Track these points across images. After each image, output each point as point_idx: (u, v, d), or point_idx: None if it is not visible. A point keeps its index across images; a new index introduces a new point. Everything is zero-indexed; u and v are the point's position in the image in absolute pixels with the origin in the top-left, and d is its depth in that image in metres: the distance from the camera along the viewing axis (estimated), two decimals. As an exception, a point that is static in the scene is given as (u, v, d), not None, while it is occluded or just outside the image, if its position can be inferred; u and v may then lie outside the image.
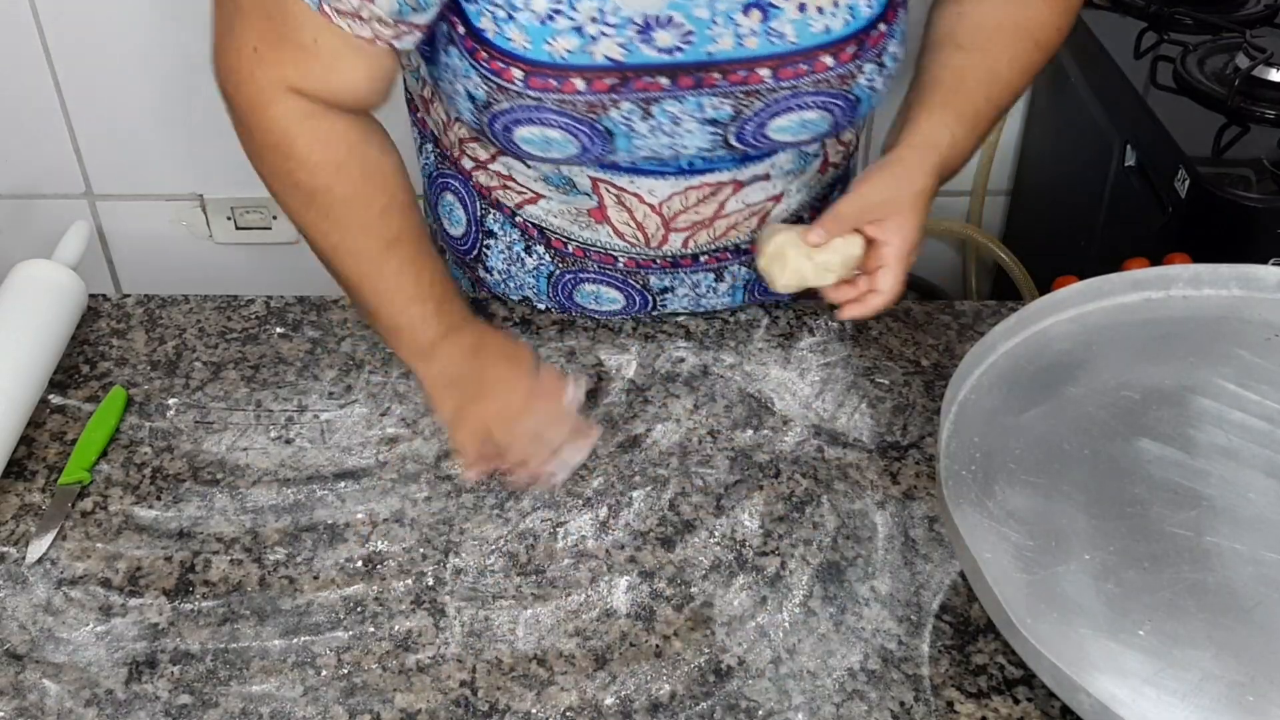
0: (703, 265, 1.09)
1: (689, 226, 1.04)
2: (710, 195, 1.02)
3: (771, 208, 1.06)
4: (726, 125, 0.93)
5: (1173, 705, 0.72)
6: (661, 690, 0.81)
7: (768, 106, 0.92)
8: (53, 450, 0.99)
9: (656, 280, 1.10)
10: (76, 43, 1.82)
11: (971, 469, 0.85)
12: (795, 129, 0.94)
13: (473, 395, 0.97)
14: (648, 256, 1.07)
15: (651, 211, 1.02)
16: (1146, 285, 0.98)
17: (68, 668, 0.82)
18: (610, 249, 1.07)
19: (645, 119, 0.91)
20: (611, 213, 1.03)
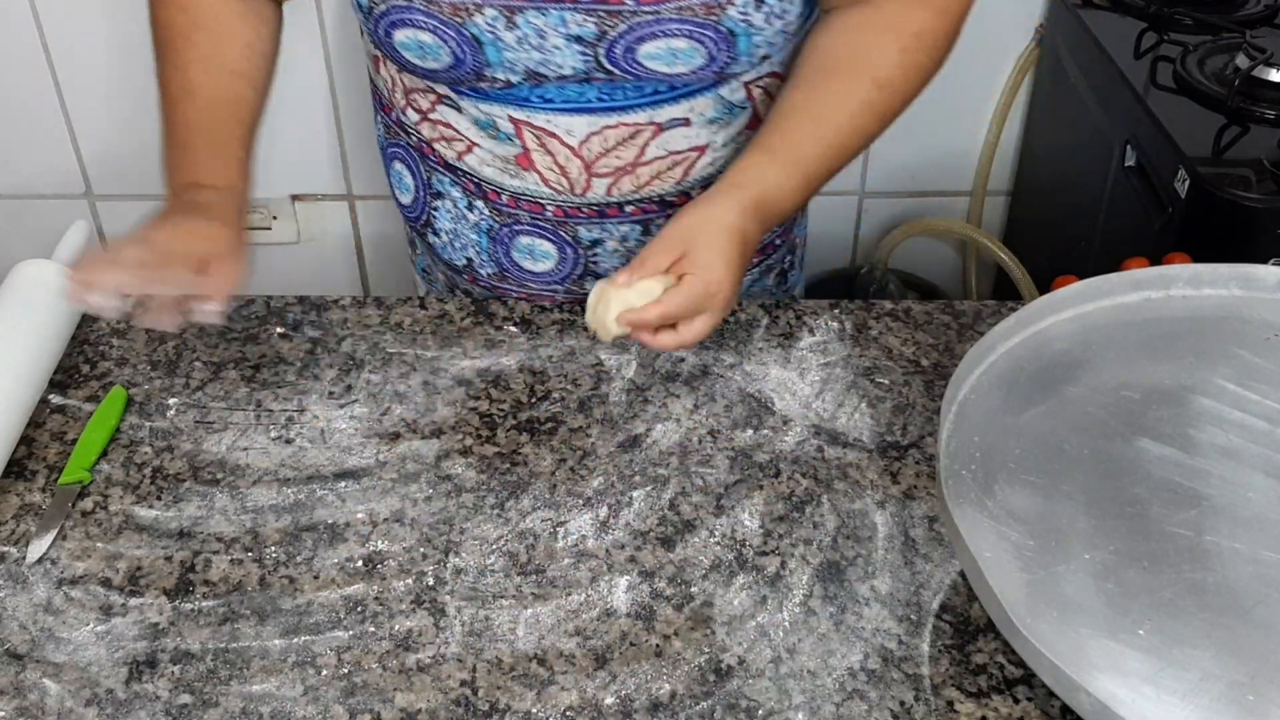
0: (629, 216, 1.10)
1: (611, 172, 1.06)
2: (629, 138, 1.03)
3: (695, 159, 1.07)
4: (594, 45, 0.94)
5: (1173, 705, 0.72)
6: (662, 690, 0.81)
7: (632, 29, 0.93)
8: (53, 450, 0.99)
9: (585, 232, 1.12)
10: (76, 43, 1.82)
11: (971, 468, 0.85)
12: (667, 57, 0.95)
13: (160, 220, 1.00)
14: (573, 204, 1.09)
15: (572, 155, 1.05)
16: (1146, 285, 0.98)
17: (68, 667, 0.82)
18: (538, 197, 1.09)
19: (510, 29, 0.93)
20: (536, 158, 1.06)
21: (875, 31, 1.00)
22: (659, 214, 1.11)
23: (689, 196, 1.09)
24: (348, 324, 1.12)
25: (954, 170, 1.99)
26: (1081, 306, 0.97)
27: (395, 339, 1.10)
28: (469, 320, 1.12)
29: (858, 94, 0.99)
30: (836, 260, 2.09)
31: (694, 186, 1.10)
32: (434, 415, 1.02)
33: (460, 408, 1.03)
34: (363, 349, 1.09)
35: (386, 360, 1.08)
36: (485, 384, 1.05)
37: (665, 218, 1.10)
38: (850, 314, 1.13)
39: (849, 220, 2.06)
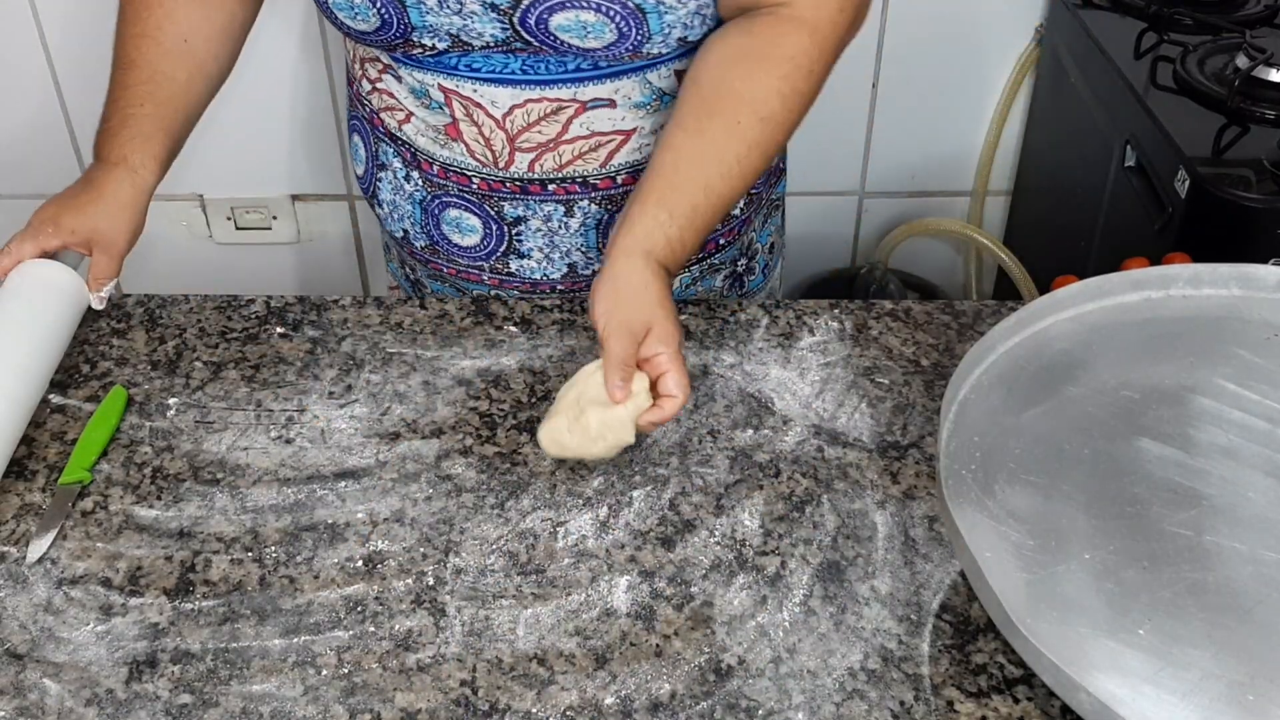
0: (551, 195, 1.12)
1: (534, 148, 1.08)
2: (552, 114, 1.05)
3: (621, 142, 1.08)
4: (509, 12, 0.96)
5: (1173, 704, 0.72)
6: (662, 690, 0.81)
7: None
8: (53, 450, 0.99)
9: (510, 208, 1.13)
10: (76, 43, 1.82)
11: (971, 468, 0.85)
12: (578, 30, 0.96)
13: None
14: (498, 178, 1.11)
15: (496, 126, 1.06)
16: (1146, 285, 0.98)
17: (68, 667, 0.82)
18: (465, 169, 1.12)
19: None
20: (463, 128, 1.08)
21: (753, 61, 0.99)
22: (581, 194, 1.12)
23: (612, 180, 1.11)
24: (348, 324, 1.12)
25: (954, 170, 1.99)
26: (1081, 306, 0.97)
27: (395, 339, 1.10)
28: (469, 320, 1.12)
29: (743, 134, 0.98)
30: (836, 260, 2.09)
31: (619, 171, 1.11)
32: (434, 415, 1.02)
33: (460, 408, 1.03)
34: (363, 349, 1.09)
35: (386, 360, 1.08)
36: (485, 384, 1.05)
37: (588, 199, 1.12)
38: (850, 314, 1.13)
39: (849, 220, 2.06)
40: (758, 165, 1.00)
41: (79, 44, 1.82)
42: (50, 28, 1.81)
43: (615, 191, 1.13)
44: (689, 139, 0.99)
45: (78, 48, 1.83)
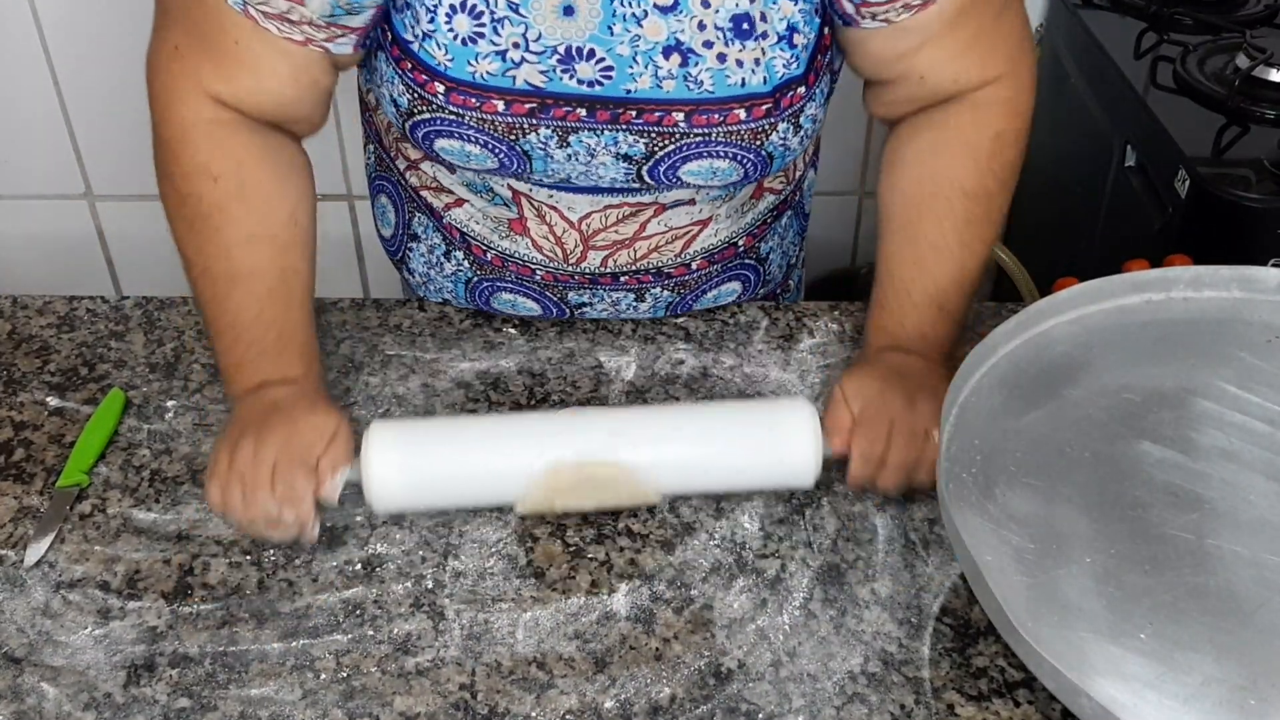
0: (622, 285, 1.08)
1: (609, 245, 1.04)
2: (631, 215, 1.01)
3: (698, 232, 1.06)
4: (640, 162, 0.93)
5: (1174, 709, 0.71)
6: (661, 693, 0.81)
7: (680, 149, 0.92)
8: (51, 453, 0.99)
9: (575, 296, 1.09)
10: (76, 43, 1.82)
11: (972, 471, 0.85)
12: (706, 174, 0.94)
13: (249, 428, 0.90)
14: (565, 272, 1.06)
15: (571, 228, 1.02)
16: (1147, 287, 0.98)
17: (66, 671, 0.82)
18: (529, 261, 1.06)
19: (562, 147, 0.91)
20: (531, 225, 1.03)
21: (950, 154, 0.98)
22: (654, 284, 1.09)
23: (687, 268, 1.08)
24: (346, 326, 1.12)
25: (954, 170, 1.98)
26: (1082, 308, 0.97)
27: (394, 341, 1.10)
28: (468, 322, 1.12)
29: (952, 215, 0.97)
30: (836, 260, 2.09)
31: (694, 258, 1.07)
32: (433, 417, 1.02)
33: (460, 410, 1.03)
34: (361, 351, 1.09)
35: (385, 362, 1.08)
36: (484, 386, 1.05)
37: (660, 287, 1.09)
38: (850, 315, 1.13)
39: (849, 220, 2.06)
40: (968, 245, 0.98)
41: (79, 44, 1.82)
42: (50, 28, 1.81)
43: (690, 276, 1.09)
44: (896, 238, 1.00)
45: (78, 48, 1.82)
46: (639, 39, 0.86)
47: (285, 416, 0.89)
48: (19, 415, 1.03)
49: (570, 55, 0.87)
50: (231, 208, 0.92)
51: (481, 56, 0.87)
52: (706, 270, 1.09)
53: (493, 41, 0.86)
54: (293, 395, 0.92)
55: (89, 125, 1.91)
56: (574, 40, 0.86)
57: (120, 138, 1.90)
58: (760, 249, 1.12)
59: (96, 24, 1.79)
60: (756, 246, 1.11)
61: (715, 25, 0.87)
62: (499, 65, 0.87)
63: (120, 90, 1.85)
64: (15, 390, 1.05)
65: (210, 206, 0.92)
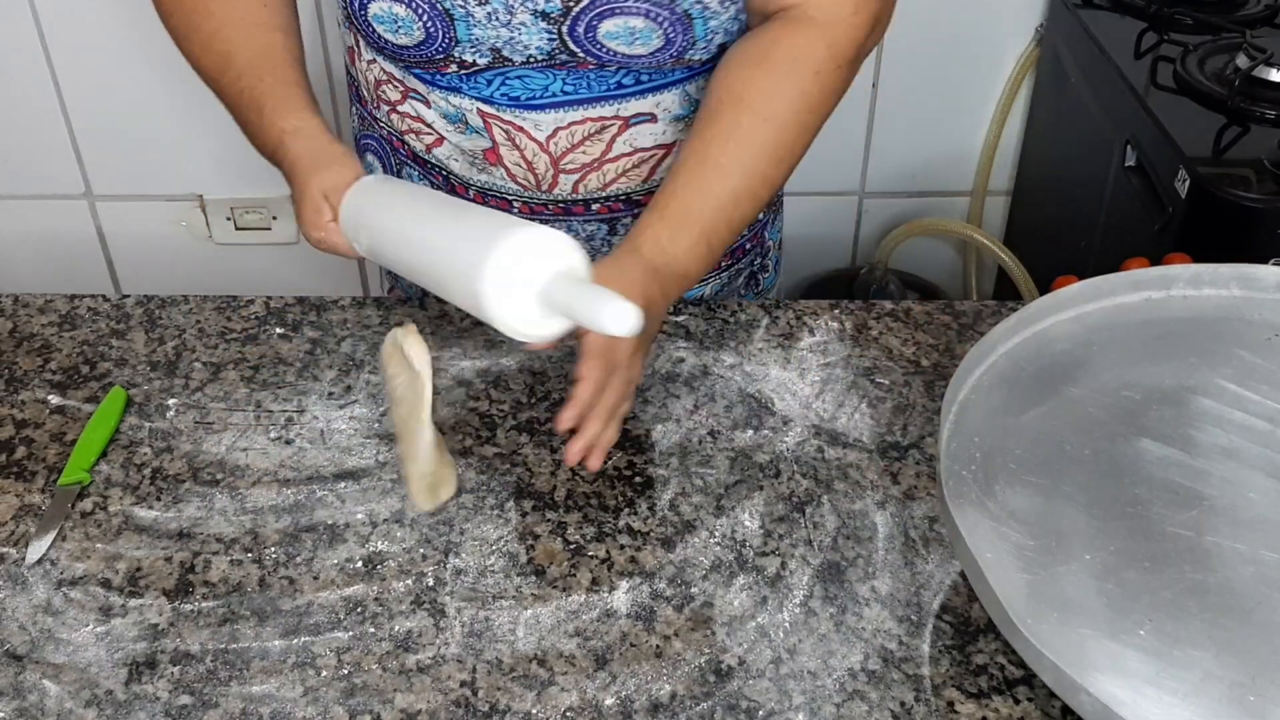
0: (595, 214, 1.11)
1: (578, 169, 1.07)
2: (596, 134, 1.04)
3: (662, 156, 1.07)
4: (559, 20, 0.95)
5: (1174, 705, 0.71)
6: (662, 690, 0.81)
7: (594, 4, 0.94)
8: (52, 451, 0.99)
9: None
10: (76, 43, 1.82)
11: (972, 469, 0.85)
12: (625, 36, 0.96)
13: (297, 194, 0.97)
14: (540, 201, 1.10)
15: (540, 149, 1.05)
16: (1147, 285, 0.98)
17: (68, 668, 0.82)
18: (505, 193, 1.10)
19: (481, 4, 0.95)
20: (504, 152, 1.06)
21: (759, 64, 0.96)
22: (625, 212, 1.11)
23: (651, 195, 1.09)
24: (347, 324, 1.12)
25: (954, 170, 1.99)
26: (1082, 307, 0.97)
27: (395, 339, 1.10)
28: (468, 321, 1.12)
29: (742, 137, 0.96)
30: (836, 260, 2.09)
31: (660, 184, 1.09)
32: (434, 415, 1.02)
33: (460, 408, 1.03)
34: (362, 349, 1.09)
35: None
36: (485, 384, 1.05)
37: (630, 216, 1.11)
38: (850, 314, 1.13)
39: (849, 220, 2.06)
40: (765, 170, 0.97)
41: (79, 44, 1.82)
42: (50, 28, 1.81)
43: None
44: (691, 146, 0.97)
45: (78, 47, 1.83)
46: None
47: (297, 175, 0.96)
48: (20, 413, 1.03)
49: None
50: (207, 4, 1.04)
51: None
52: None
53: None
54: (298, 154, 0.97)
55: (89, 125, 1.91)
56: None
57: (120, 138, 1.90)
58: None
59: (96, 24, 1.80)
60: None
61: None
62: None
63: (120, 90, 1.85)
64: (17, 388, 1.05)
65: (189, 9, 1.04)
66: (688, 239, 0.95)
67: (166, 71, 1.79)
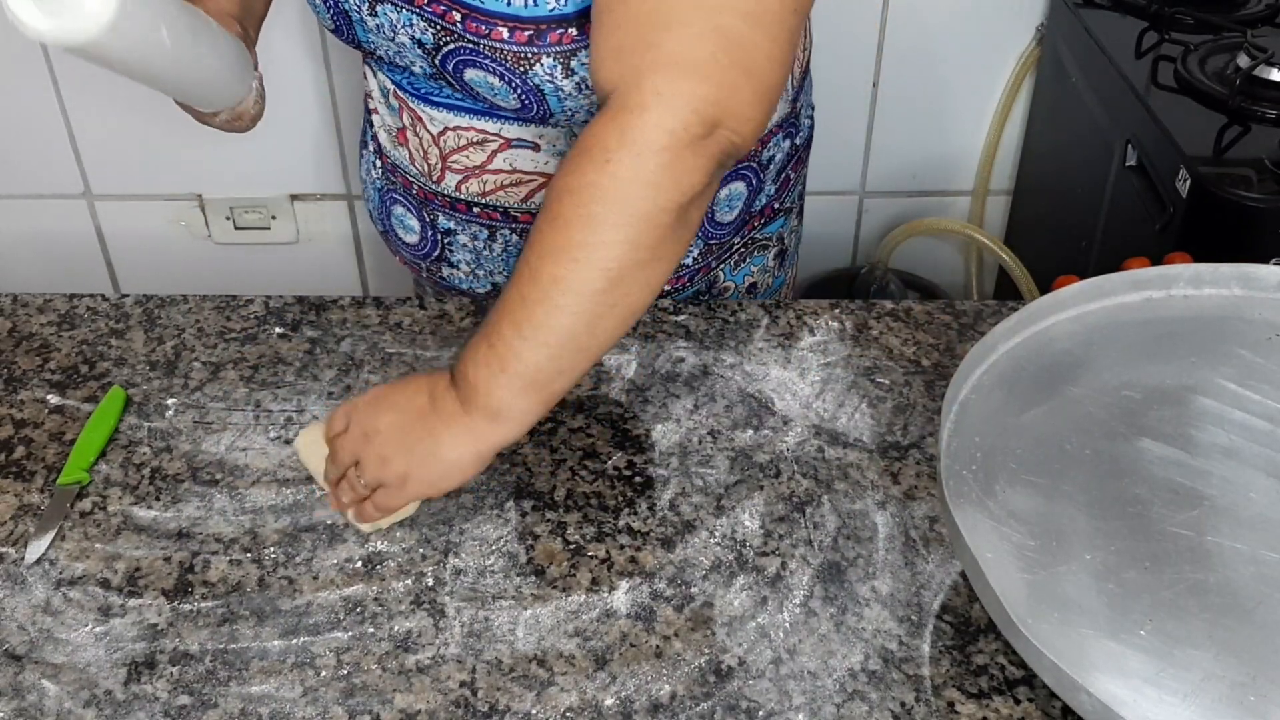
0: (475, 217, 1.13)
1: (462, 170, 1.09)
2: (478, 143, 1.06)
3: (540, 183, 1.09)
4: (432, 52, 0.97)
5: (1174, 705, 0.71)
6: (662, 691, 0.81)
7: (458, 50, 0.95)
8: (51, 450, 0.99)
9: (443, 219, 1.15)
10: (76, 43, 1.82)
11: (972, 469, 0.85)
12: (485, 87, 0.98)
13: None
14: (432, 190, 1.13)
15: (433, 143, 1.08)
16: (1147, 285, 0.98)
17: (67, 668, 0.82)
18: (408, 173, 1.15)
19: (371, 15, 0.98)
20: (409, 136, 1.11)
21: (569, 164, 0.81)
22: (502, 223, 1.12)
23: (532, 216, 1.11)
24: (347, 324, 1.12)
25: (955, 170, 1.99)
26: (1083, 306, 0.97)
27: (394, 339, 1.10)
28: (468, 320, 1.12)
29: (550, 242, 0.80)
30: (837, 260, 2.09)
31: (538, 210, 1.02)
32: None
33: (460, 408, 1.03)
34: (362, 349, 1.09)
35: (386, 360, 1.08)
36: (485, 384, 1.05)
37: (509, 229, 1.13)
38: (851, 314, 1.13)
39: (849, 220, 2.06)
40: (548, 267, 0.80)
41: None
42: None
43: None
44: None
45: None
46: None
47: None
48: (19, 413, 1.03)
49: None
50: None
51: None
52: None
53: None
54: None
55: (89, 125, 1.91)
56: None
57: (120, 138, 1.90)
58: None
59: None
60: None
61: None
62: None
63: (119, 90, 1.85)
64: (16, 388, 1.05)
65: None
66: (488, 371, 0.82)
67: (166, 71, 1.79)
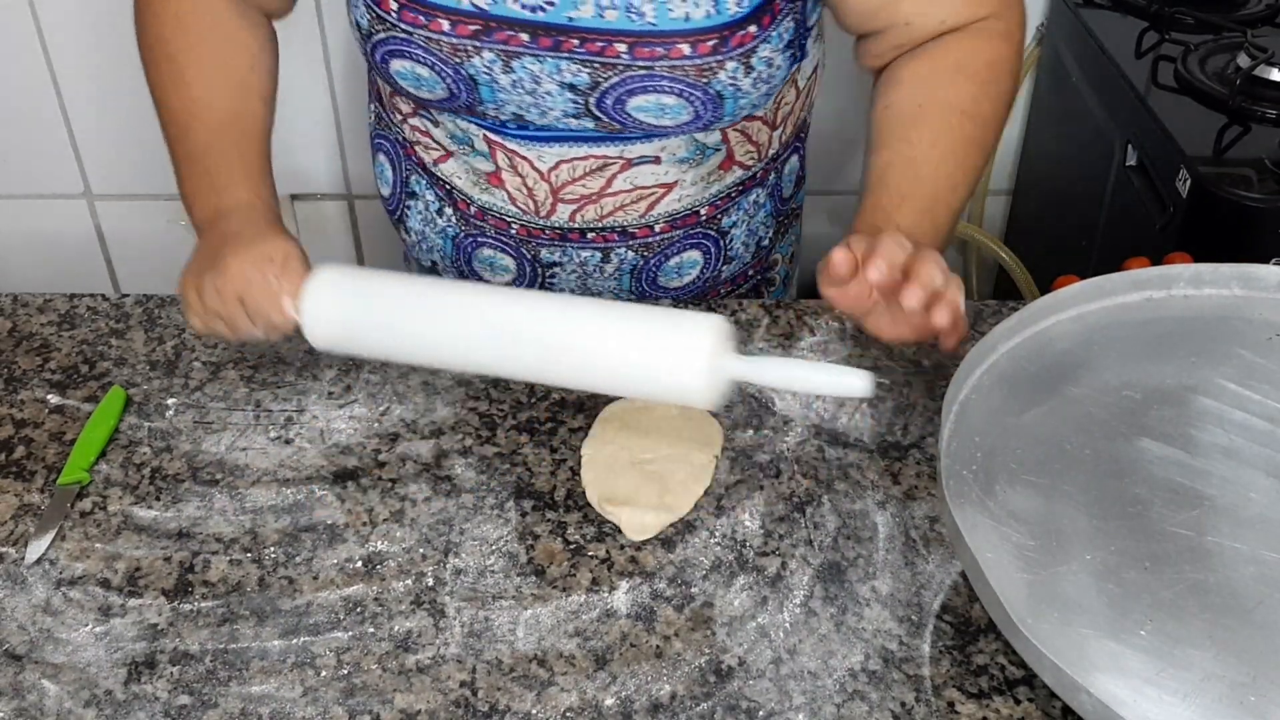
0: (589, 242, 1.11)
1: (577, 200, 1.07)
2: (597, 170, 1.04)
3: (662, 195, 1.07)
4: (586, 93, 0.94)
5: (1174, 705, 0.71)
6: (662, 691, 0.81)
7: (624, 82, 0.93)
8: (51, 450, 0.99)
9: (546, 253, 1.13)
10: (76, 43, 1.82)
11: (973, 469, 0.85)
12: (655, 111, 0.95)
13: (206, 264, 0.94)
14: (538, 226, 1.10)
15: (541, 179, 1.05)
16: (1148, 285, 0.98)
17: (67, 668, 0.82)
18: (504, 214, 1.10)
19: (506, 72, 0.94)
20: (506, 177, 1.07)
21: (947, 75, 0.98)
22: (619, 243, 1.12)
23: (651, 230, 1.11)
24: (347, 324, 1.12)
25: (955, 170, 1.98)
26: (1083, 306, 0.97)
27: (395, 339, 1.10)
28: (469, 320, 1.12)
29: (947, 133, 0.96)
30: (837, 260, 2.09)
31: (658, 220, 1.10)
32: (433, 415, 1.02)
33: (460, 408, 1.03)
34: (362, 349, 1.09)
35: (386, 360, 1.08)
36: (485, 384, 1.05)
37: (625, 247, 1.12)
38: (851, 314, 1.13)
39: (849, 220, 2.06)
40: (975, 160, 0.98)
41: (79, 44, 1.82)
42: (50, 28, 1.81)
43: (653, 239, 1.12)
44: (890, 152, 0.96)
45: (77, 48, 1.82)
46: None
47: (239, 244, 0.93)
48: (20, 413, 1.03)
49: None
50: (196, 49, 1.02)
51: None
52: (669, 234, 1.11)
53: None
54: (245, 222, 0.96)
55: (89, 125, 1.91)
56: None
57: (120, 138, 1.90)
58: (722, 221, 1.14)
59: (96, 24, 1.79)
60: (718, 218, 1.12)
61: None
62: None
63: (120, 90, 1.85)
64: (16, 388, 1.05)
65: (176, 49, 1.02)
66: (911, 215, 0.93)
67: (166, 71, 1.79)
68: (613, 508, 0.91)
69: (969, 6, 0.97)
